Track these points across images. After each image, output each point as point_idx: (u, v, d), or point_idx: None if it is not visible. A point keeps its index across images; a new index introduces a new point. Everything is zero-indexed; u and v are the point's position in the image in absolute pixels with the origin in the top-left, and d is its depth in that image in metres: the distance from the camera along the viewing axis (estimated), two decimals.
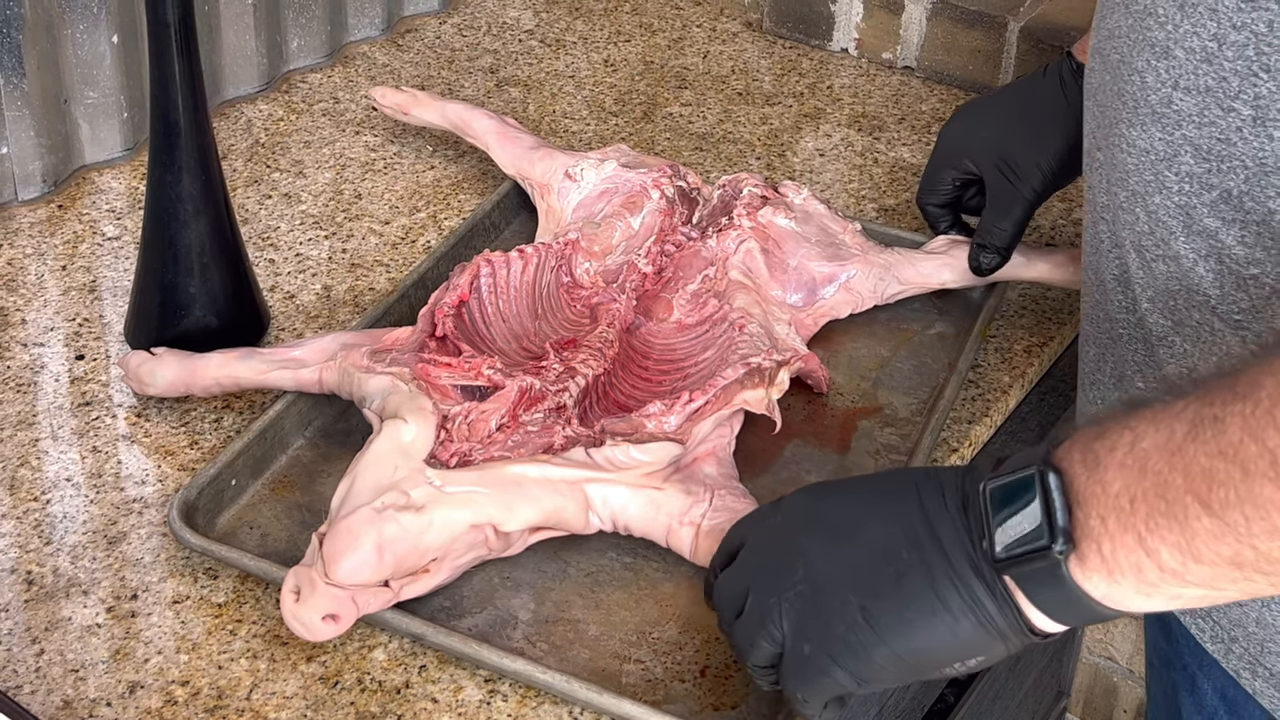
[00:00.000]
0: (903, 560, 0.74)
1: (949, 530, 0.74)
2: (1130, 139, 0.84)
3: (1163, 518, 0.66)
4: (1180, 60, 0.79)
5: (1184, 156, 0.80)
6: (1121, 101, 0.84)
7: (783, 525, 0.81)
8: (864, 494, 0.79)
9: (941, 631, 0.73)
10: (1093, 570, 0.69)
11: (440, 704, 0.87)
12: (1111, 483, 0.68)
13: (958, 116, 1.18)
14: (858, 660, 0.75)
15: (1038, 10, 1.47)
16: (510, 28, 1.58)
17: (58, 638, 0.90)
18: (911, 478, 0.78)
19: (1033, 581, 0.71)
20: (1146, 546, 0.67)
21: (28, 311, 1.15)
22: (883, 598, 0.74)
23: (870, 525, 0.76)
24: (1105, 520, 0.68)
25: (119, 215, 1.26)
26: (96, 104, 1.29)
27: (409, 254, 1.24)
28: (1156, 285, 0.84)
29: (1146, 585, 0.68)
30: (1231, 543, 0.64)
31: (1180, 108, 0.79)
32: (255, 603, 0.92)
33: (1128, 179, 0.85)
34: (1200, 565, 0.65)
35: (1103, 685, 1.84)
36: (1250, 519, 0.63)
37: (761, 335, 1.05)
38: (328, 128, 1.40)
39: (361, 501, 0.88)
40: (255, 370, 1.03)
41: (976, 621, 0.73)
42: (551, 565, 0.95)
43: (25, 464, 1.02)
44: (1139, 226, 0.85)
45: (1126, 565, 0.68)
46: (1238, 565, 0.64)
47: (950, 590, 0.73)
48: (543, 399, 0.97)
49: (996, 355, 1.16)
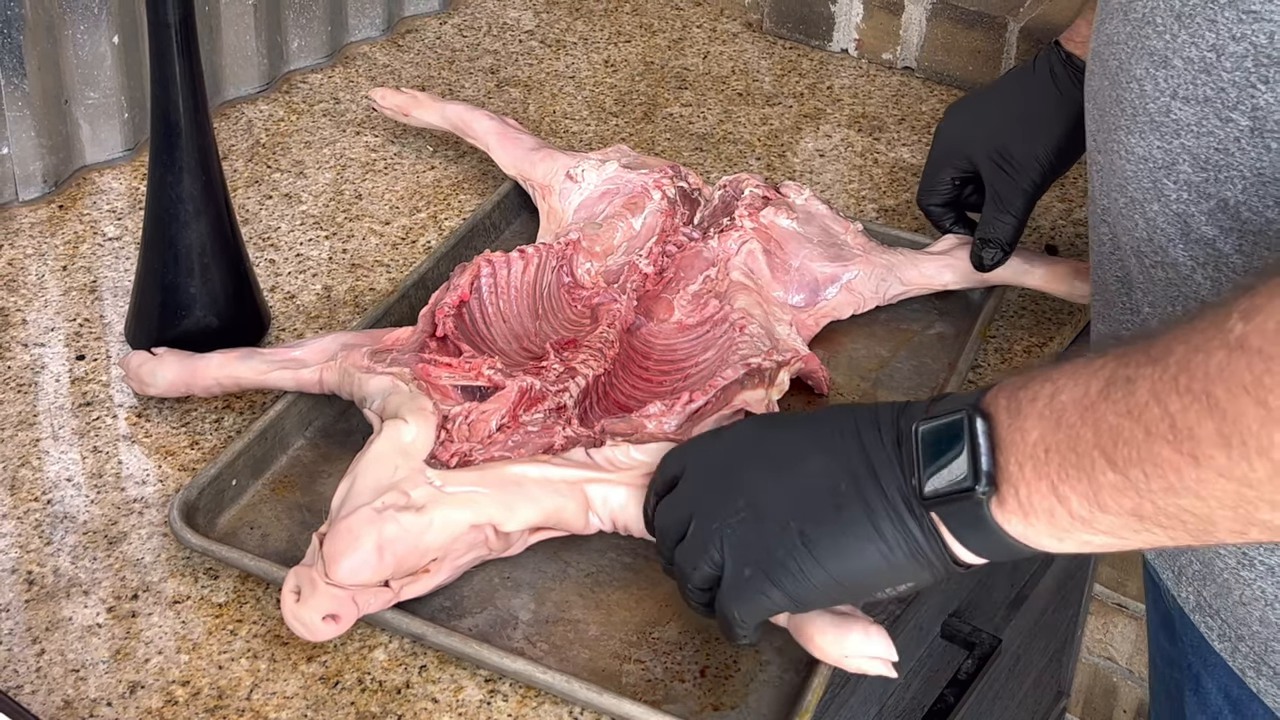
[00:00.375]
0: (841, 492, 0.78)
1: (885, 466, 0.78)
2: (1128, 146, 0.84)
3: (1073, 469, 0.69)
4: (1179, 70, 0.79)
5: (1182, 165, 0.80)
6: (1120, 108, 0.84)
7: (725, 457, 0.84)
8: (806, 429, 0.82)
9: (875, 558, 0.77)
10: (1010, 513, 0.73)
11: (441, 704, 0.87)
12: (1030, 431, 0.72)
13: (951, 114, 1.19)
14: (795, 583, 0.79)
15: (1037, 10, 1.47)
16: (511, 28, 1.58)
17: (58, 638, 0.90)
18: (852, 414, 0.81)
19: (957, 520, 0.75)
20: (1058, 494, 0.70)
21: (28, 312, 1.16)
22: (822, 524, 0.78)
23: (812, 458, 0.80)
24: (1022, 466, 0.72)
25: (120, 215, 1.27)
26: (97, 104, 1.29)
27: (409, 254, 1.24)
28: (1156, 291, 0.85)
29: (1058, 530, 0.71)
30: (1133, 496, 0.67)
31: (1179, 117, 0.80)
32: (256, 603, 0.92)
33: (1126, 185, 0.85)
34: (1106, 515, 0.69)
35: (1102, 685, 1.84)
36: (1150, 476, 0.66)
37: (762, 336, 1.05)
38: (328, 128, 1.40)
39: (362, 501, 0.88)
40: (256, 370, 1.03)
41: (908, 551, 0.77)
42: (552, 565, 0.95)
43: (26, 464, 1.02)
44: (1138, 233, 0.85)
45: (1040, 510, 0.71)
46: (1139, 517, 0.68)
47: (885, 521, 0.77)
48: (543, 399, 0.97)
49: (996, 356, 1.16)
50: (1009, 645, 1.32)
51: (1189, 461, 0.64)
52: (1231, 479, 0.63)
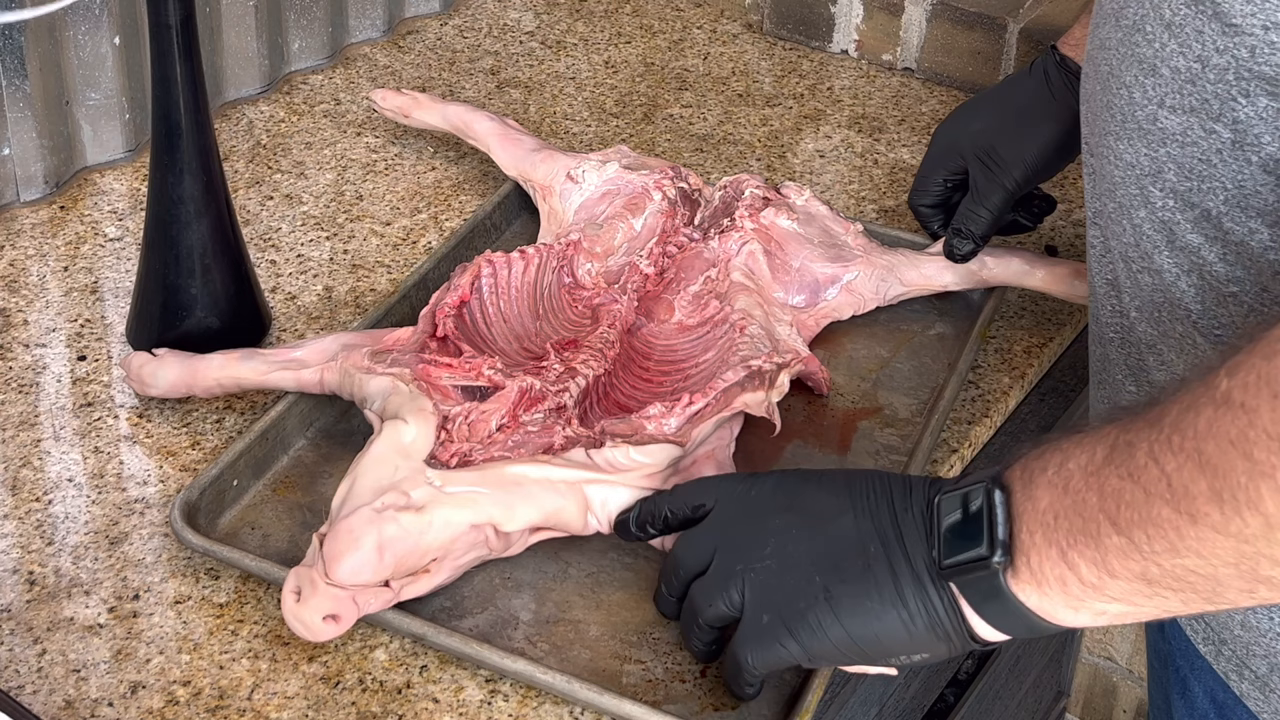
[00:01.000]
0: (870, 554, 0.79)
1: (912, 533, 0.79)
2: (1118, 152, 0.84)
3: (1080, 534, 0.70)
4: (1166, 79, 0.79)
5: (1167, 174, 0.80)
6: (1110, 114, 0.85)
7: (757, 501, 0.85)
8: (842, 486, 0.83)
9: (895, 624, 0.78)
10: (1025, 582, 0.73)
11: (441, 704, 0.87)
12: (1040, 499, 0.73)
13: (950, 117, 1.20)
14: (813, 637, 0.80)
15: (1037, 12, 1.47)
16: (511, 29, 1.58)
17: (60, 638, 0.90)
18: (885, 480, 0.82)
19: (975, 591, 0.76)
20: (1068, 561, 0.71)
21: (30, 312, 1.16)
22: (847, 582, 0.79)
23: (845, 515, 0.81)
24: (1034, 534, 0.73)
25: (121, 216, 1.27)
26: (98, 105, 1.30)
27: (410, 255, 1.24)
28: (1142, 296, 0.85)
29: (1072, 599, 0.72)
30: (1138, 559, 0.68)
31: (1165, 126, 0.80)
32: (257, 603, 0.93)
33: (1115, 191, 0.86)
34: (1115, 580, 0.69)
35: (1102, 685, 1.84)
36: (1152, 538, 0.67)
37: (762, 337, 1.05)
38: (329, 129, 1.40)
39: (362, 502, 0.88)
40: (256, 371, 1.03)
41: (928, 622, 0.77)
42: (552, 566, 0.95)
43: (27, 464, 1.02)
44: (1125, 238, 0.85)
45: (1052, 578, 0.72)
46: (1147, 581, 0.68)
47: (909, 589, 0.77)
48: (543, 399, 0.97)
49: (996, 356, 1.16)
50: (1008, 645, 1.32)
51: (1187, 520, 0.65)
52: (1228, 535, 0.64)
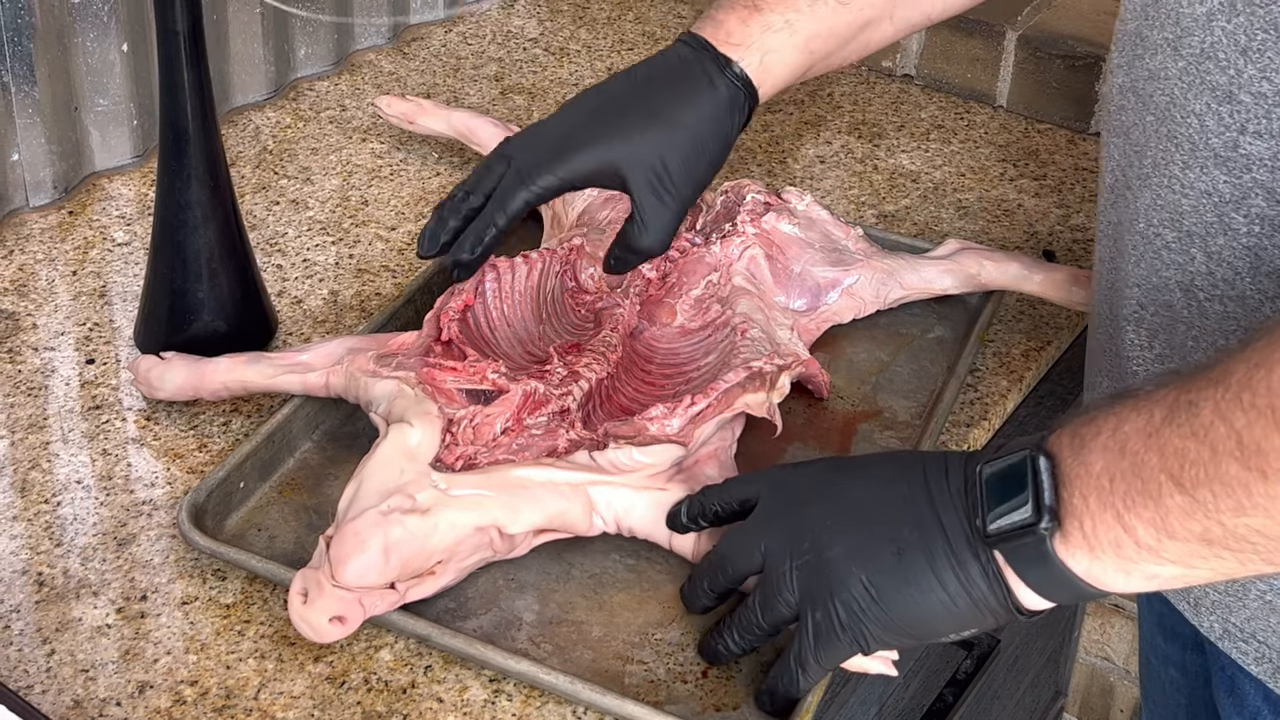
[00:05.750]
0: (904, 539, 0.79)
1: (950, 512, 0.78)
2: (1185, 181, 0.82)
3: (1139, 495, 0.70)
4: (1247, 105, 0.77)
5: (1254, 200, 0.79)
6: (1174, 144, 0.82)
7: (796, 493, 0.85)
8: (875, 472, 0.84)
9: (938, 608, 0.78)
10: (1075, 547, 0.73)
11: (446, 704, 0.88)
12: (1094, 463, 0.72)
13: (586, 126, 0.99)
14: (863, 627, 0.80)
15: (1035, 19, 1.48)
16: (515, 36, 1.59)
17: (68, 638, 0.91)
18: (920, 460, 0.82)
19: (1020, 558, 0.75)
20: (1124, 523, 0.70)
21: (39, 316, 1.17)
22: (884, 573, 0.79)
23: (878, 504, 0.81)
24: (1087, 499, 0.72)
25: (129, 221, 1.27)
26: (107, 111, 1.30)
27: (414, 259, 1.25)
28: (1209, 325, 0.83)
29: (1126, 562, 0.71)
30: (1201, 519, 0.67)
31: (1249, 151, 0.78)
32: (263, 603, 0.93)
33: (1181, 220, 0.83)
34: (1174, 541, 0.69)
35: (1099, 685, 1.85)
36: (1218, 496, 0.66)
37: (763, 340, 1.06)
38: (335, 135, 1.41)
39: (368, 505, 0.89)
40: (263, 374, 1.04)
41: (970, 600, 0.77)
42: (555, 567, 0.96)
43: (36, 467, 1.03)
44: (1193, 267, 0.83)
45: (1106, 541, 0.72)
46: (1207, 542, 0.68)
47: (947, 569, 0.77)
48: (547, 403, 0.98)
49: (994, 359, 1.17)
50: (1007, 645, 1.33)
51: (1258, 477, 0.65)
52: None
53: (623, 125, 0.97)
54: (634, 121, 0.97)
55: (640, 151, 0.97)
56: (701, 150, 0.98)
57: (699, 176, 0.98)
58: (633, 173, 0.97)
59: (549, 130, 0.99)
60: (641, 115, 0.97)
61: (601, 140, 0.97)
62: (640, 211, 0.97)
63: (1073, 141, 1.45)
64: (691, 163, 0.97)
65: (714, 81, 0.98)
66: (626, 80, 1.00)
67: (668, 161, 0.97)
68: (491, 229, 0.97)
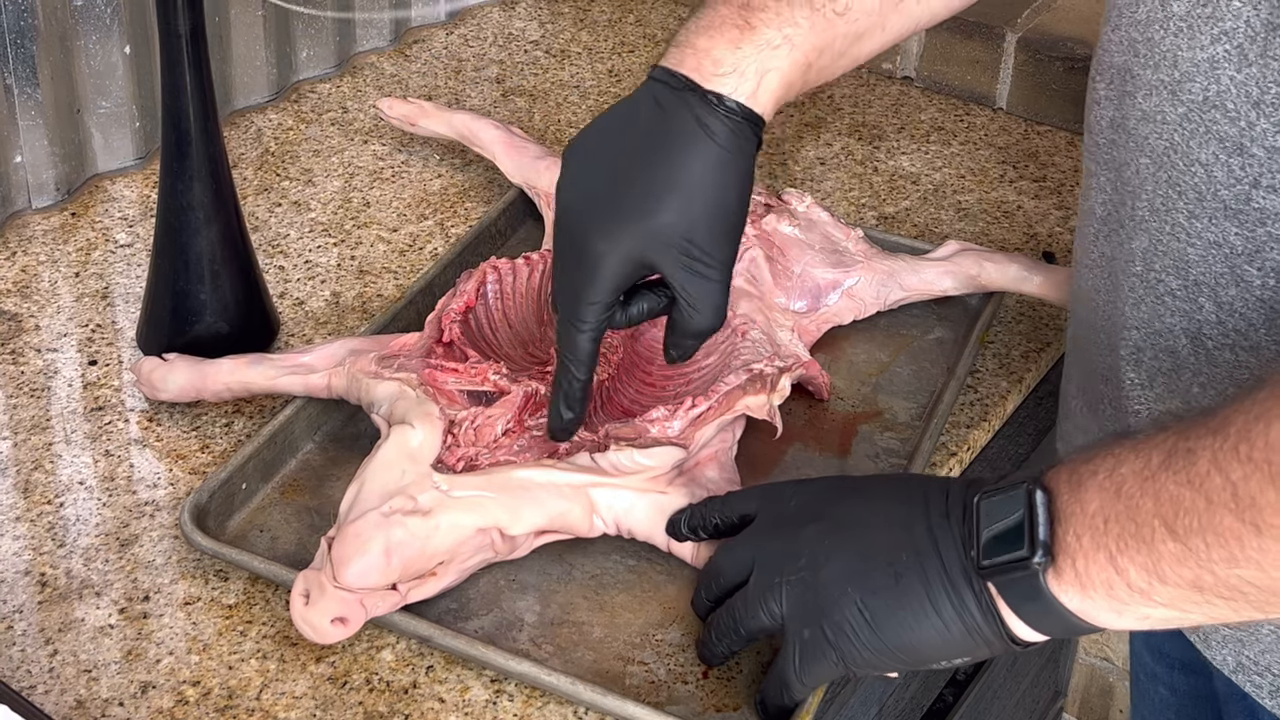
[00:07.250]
0: (902, 563, 0.78)
1: (946, 539, 0.78)
2: (1192, 230, 0.80)
3: (1132, 539, 0.69)
4: (1260, 159, 0.75)
5: (1270, 253, 0.77)
6: (1176, 191, 0.80)
7: (794, 511, 0.85)
8: (876, 494, 0.83)
9: (931, 633, 0.78)
10: (1068, 584, 0.73)
11: (447, 704, 0.88)
12: (1089, 502, 0.72)
13: (596, 217, 0.89)
14: (854, 649, 0.80)
15: (1035, 21, 1.48)
16: (516, 38, 1.60)
17: (71, 639, 0.91)
18: (921, 486, 0.81)
19: (1014, 592, 0.75)
20: (1117, 565, 0.70)
21: (41, 318, 1.17)
22: (879, 595, 0.78)
23: (877, 527, 0.80)
24: (1080, 537, 0.72)
25: (131, 223, 1.28)
26: (109, 113, 1.31)
27: (416, 261, 1.25)
28: (1218, 374, 0.81)
29: (1117, 603, 0.71)
30: (1193, 567, 0.67)
31: (1264, 206, 0.76)
32: (265, 604, 0.93)
33: (1188, 269, 0.81)
34: (1165, 586, 0.69)
35: (1099, 686, 1.85)
36: (1210, 545, 0.66)
37: (764, 341, 1.06)
38: (336, 137, 1.41)
39: (369, 506, 0.89)
40: (265, 376, 1.04)
41: (964, 628, 0.77)
42: (556, 568, 0.96)
43: (39, 468, 1.03)
44: (1201, 315, 0.81)
45: (1098, 581, 0.71)
46: (1199, 589, 0.68)
47: (942, 597, 0.77)
48: (548, 404, 0.98)
49: (994, 361, 1.17)
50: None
51: (1251, 530, 0.64)
52: None
53: (622, 216, 0.87)
54: (635, 206, 0.87)
55: (657, 238, 0.87)
56: (723, 205, 0.88)
57: (731, 230, 0.89)
58: (661, 260, 0.87)
59: (560, 255, 0.91)
60: (640, 196, 0.87)
61: (612, 243, 0.87)
62: (684, 295, 0.89)
63: (1072, 143, 1.45)
64: (717, 223, 0.87)
65: (706, 125, 0.87)
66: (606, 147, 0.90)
67: (691, 235, 0.87)
68: (575, 382, 0.92)
